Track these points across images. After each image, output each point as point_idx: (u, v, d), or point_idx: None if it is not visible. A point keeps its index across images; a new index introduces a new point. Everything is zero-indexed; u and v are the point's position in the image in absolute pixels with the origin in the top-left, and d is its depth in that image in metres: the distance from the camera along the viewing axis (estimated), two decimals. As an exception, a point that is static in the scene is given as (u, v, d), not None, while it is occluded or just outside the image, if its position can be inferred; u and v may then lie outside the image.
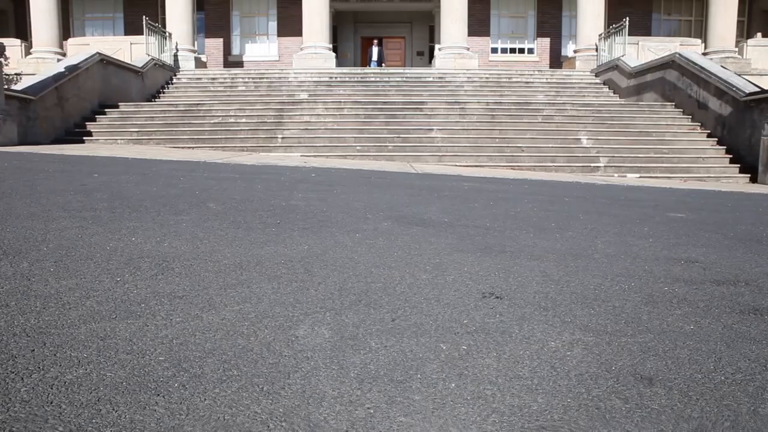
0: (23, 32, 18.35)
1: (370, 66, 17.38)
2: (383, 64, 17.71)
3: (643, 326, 1.64)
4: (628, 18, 14.16)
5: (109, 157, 6.46)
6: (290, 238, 2.57)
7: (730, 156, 8.97)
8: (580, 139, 9.34)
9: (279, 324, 1.53)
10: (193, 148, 8.96)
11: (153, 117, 10.24)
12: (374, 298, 1.80)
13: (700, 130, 9.83)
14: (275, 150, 8.86)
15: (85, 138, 9.38)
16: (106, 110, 10.42)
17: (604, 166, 8.63)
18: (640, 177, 8.35)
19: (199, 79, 13.82)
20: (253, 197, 3.70)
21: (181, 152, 7.84)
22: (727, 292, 2.06)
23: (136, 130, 9.68)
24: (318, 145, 9.06)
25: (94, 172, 4.71)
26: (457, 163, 8.52)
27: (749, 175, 8.48)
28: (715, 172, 8.66)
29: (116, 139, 9.40)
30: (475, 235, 2.88)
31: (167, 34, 14.67)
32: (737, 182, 8.37)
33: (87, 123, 9.91)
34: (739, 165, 8.73)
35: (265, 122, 9.82)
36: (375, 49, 17.94)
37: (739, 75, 10.02)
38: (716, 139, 9.46)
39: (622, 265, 2.39)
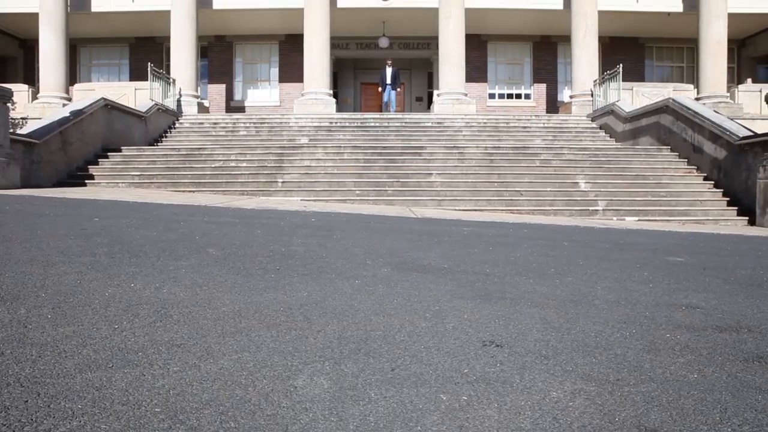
0: (31, 78, 18.78)
1: (382, 89, 16.36)
2: (398, 89, 16.44)
3: (646, 375, 1.62)
4: (621, 65, 14.52)
5: (110, 200, 6.49)
6: (289, 285, 2.56)
7: (728, 199, 9.03)
8: (578, 182, 9.42)
9: (277, 374, 1.51)
10: (194, 191, 9.02)
11: (155, 161, 10.35)
12: (374, 346, 1.78)
13: (696, 174, 9.94)
14: (275, 194, 8.92)
15: (87, 181, 9.46)
16: (108, 154, 10.54)
17: (603, 210, 8.67)
18: (639, 220, 8.38)
19: (201, 123, 14.04)
20: (253, 242, 3.70)
21: (182, 196, 7.88)
22: (730, 339, 2.04)
23: (138, 173, 9.78)
24: (318, 189, 9.13)
25: (94, 216, 4.72)
26: (457, 207, 8.56)
27: (747, 218, 8.52)
28: (714, 215, 8.70)
29: (118, 183, 9.48)
30: (475, 281, 2.87)
31: (171, 80, 15.00)
32: (736, 225, 8.40)
33: (89, 166, 10.02)
34: (736, 207, 8.78)
35: (266, 166, 9.92)
36: (388, 71, 16.24)
37: (732, 119, 10.21)
38: (713, 182, 9.56)
39: (622, 311, 2.38)
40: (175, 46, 15.61)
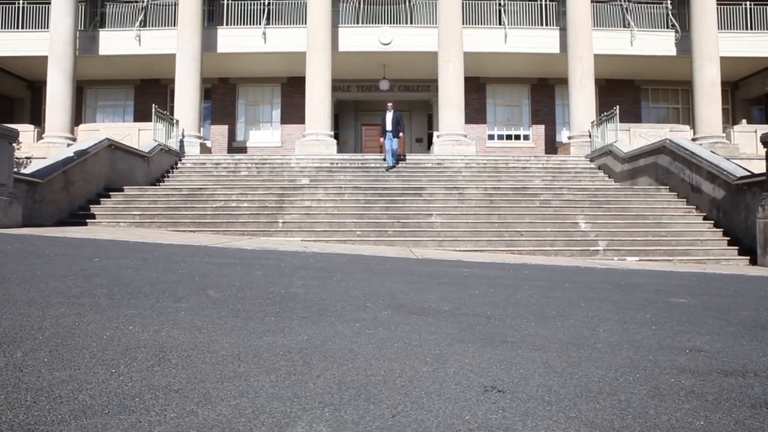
0: (37, 118, 19.09)
1: (383, 137, 14.10)
2: (400, 135, 14.26)
3: (651, 422, 1.59)
4: (618, 106, 14.76)
5: (110, 240, 6.50)
6: (289, 328, 2.54)
7: (728, 238, 9.04)
8: (578, 223, 9.44)
9: (276, 420, 1.49)
10: (194, 231, 9.04)
11: (156, 201, 10.41)
12: (374, 392, 1.76)
13: (695, 213, 9.97)
14: (276, 234, 8.94)
15: (88, 220, 9.49)
16: (111, 193, 10.61)
17: (603, 250, 8.66)
18: (640, 260, 8.36)
19: (203, 164, 14.18)
20: (253, 284, 3.69)
21: (183, 236, 7.89)
22: (736, 383, 2.01)
23: (139, 213, 9.81)
24: (318, 230, 9.14)
25: (94, 256, 4.72)
26: (457, 248, 8.56)
27: (748, 257, 8.50)
28: (714, 255, 8.69)
29: (119, 222, 9.50)
30: (476, 324, 2.85)
31: (175, 121, 15.23)
32: (737, 264, 8.37)
33: (91, 206, 10.07)
34: (737, 247, 8.78)
35: (267, 207, 9.96)
36: (389, 115, 14.08)
37: (728, 159, 10.31)
38: (712, 221, 9.58)
39: (625, 354, 2.35)
40: (179, 88, 15.92)
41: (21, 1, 18.00)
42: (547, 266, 6.27)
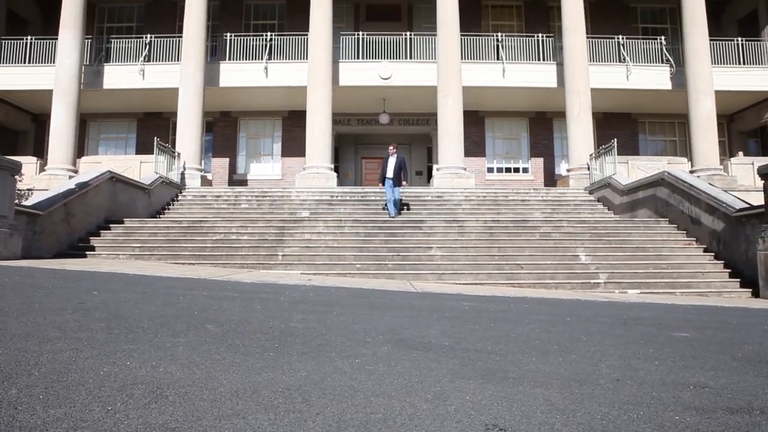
0: (40, 150, 19.27)
1: (382, 185, 12.58)
2: (404, 183, 12.56)
3: (657, 462, 1.56)
4: (616, 139, 14.91)
5: (109, 272, 6.48)
6: (288, 364, 2.51)
7: (729, 270, 8.99)
8: (578, 255, 9.42)
9: (274, 461, 1.46)
10: (194, 264, 9.02)
11: (156, 233, 10.41)
12: (374, 430, 1.73)
13: (696, 245, 9.96)
14: (275, 267, 8.91)
15: (87, 253, 9.47)
16: (111, 225, 10.62)
17: (604, 282, 8.62)
18: (641, 293, 8.31)
19: (204, 196, 14.23)
20: (252, 318, 3.66)
21: (182, 269, 7.87)
22: (743, 421, 1.98)
23: (139, 245, 9.80)
24: (318, 263, 9.12)
25: (93, 289, 4.70)
26: (457, 281, 8.52)
27: (750, 290, 8.44)
28: (716, 287, 8.64)
29: (119, 254, 9.49)
30: (477, 359, 2.82)
31: (176, 153, 15.36)
32: (739, 297, 8.32)
33: (91, 238, 10.07)
34: (738, 279, 8.73)
35: (267, 239, 9.96)
36: (391, 160, 12.46)
37: (726, 191, 10.35)
38: (713, 253, 9.56)
39: (628, 391, 2.32)
40: (181, 122, 16.10)
41: (29, 37, 18.38)
42: (548, 299, 6.23)
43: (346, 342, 3.07)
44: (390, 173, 12.32)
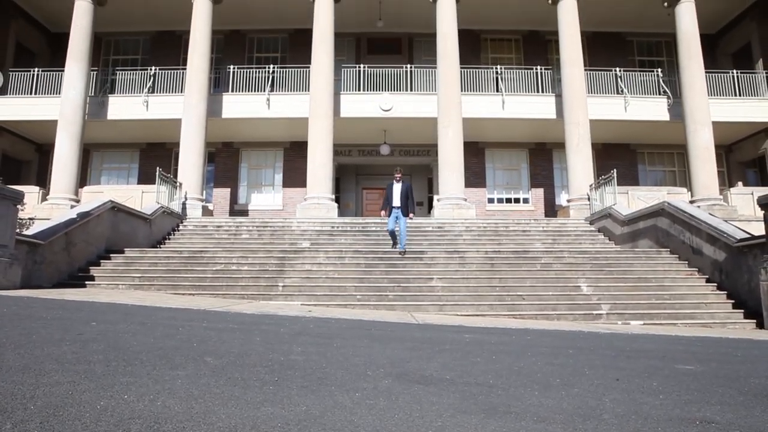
0: (43, 180, 19.39)
1: (387, 212, 11.25)
2: (412, 216, 11.32)
3: (664, 502, 1.53)
4: (615, 169, 15.00)
5: (108, 303, 6.44)
6: (288, 398, 2.48)
7: (732, 301, 8.93)
8: (580, 286, 9.38)
9: (272, 500, 1.43)
10: (194, 295, 8.97)
11: (156, 263, 10.39)
12: (374, 467, 1.69)
13: (698, 276, 9.91)
14: (276, 298, 8.86)
15: (87, 282, 9.44)
16: (111, 255, 10.61)
17: (607, 314, 8.56)
18: (644, 324, 8.24)
19: (205, 226, 14.25)
20: (252, 351, 3.63)
21: (182, 299, 7.82)
22: (749, 459, 1.94)
23: (139, 275, 9.77)
24: (318, 293, 9.06)
25: (92, 320, 4.66)
26: (458, 312, 8.46)
27: (754, 321, 8.37)
28: (720, 318, 8.56)
29: (118, 285, 9.45)
30: (478, 393, 2.78)
31: (178, 184, 15.44)
32: (744, 328, 8.24)
33: (91, 267, 10.04)
34: (742, 310, 8.65)
35: (267, 270, 9.93)
36: (396, 188, 11.12)
37: (727, 221, 10.35)
38: (715, 284, 9.50)
39: (633, 426, 2.28)
40: (184, 152, 16.23)
41: (36, 69, 18.69)
42: (550, 331, 6.18)
43: (346, 375, 3.03)
44: (396, 201, 11.00)
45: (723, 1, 19.18)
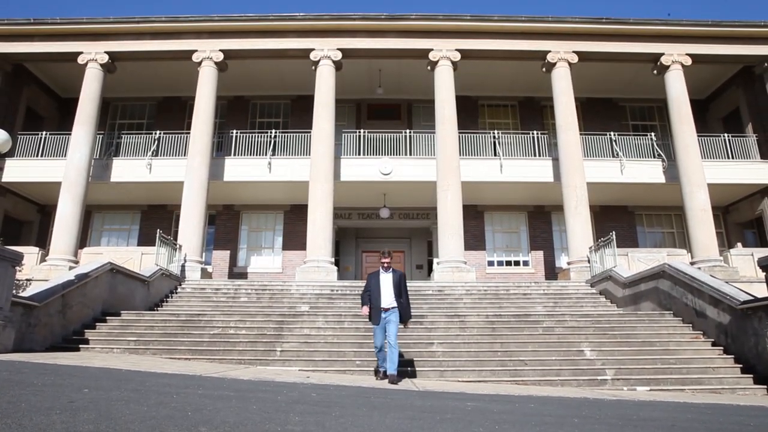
0: (43, 240, 19.43)
1: (374, 318, 7.28)
2: (402, 326, 7.44)
3: None
4: (614, 231, 15.06)
5: (102, 368, 6.29)
6: (284, 471, 2.38)
7: (740, 365, 8.72)
8: (583, 350, 9.20)
9: None
10: (189, 359, 8.78)
11: (153, 326, 10.23)
12: None
13: (703, 339, 9.74)
14: (273, 363, 8.66)
15: (81, 346, 9.26)
16: (107, 318, 10.48)
17: (612, 379, 8.35)
18: (651, 390, 8.03)
19: (204, 289, 14.13)
20: (248, 420, 3.52)
21: (177, 364, 7.65)
22: None
23: (134, 339, 9.60)
24: (317, 359, 8.86)
25: (84, 387, 4.54)
26: (460, 378, 8.25)
27: (765, 386, 8.15)
28: (728, 383, 8.34)
29: (113, 348, 9.26)
30: (483, 466, 2.67)
31: (178, 246, 15.44)
32: (755, 394, 8.01)
33: (86, 330, 9.89)
34: (751, 375, 8.44)
35: (265, 334, 9.77)
36: (384, 279, 7.44)
37: (729, 283, 10.28)
38: (721, 347, 9.32)
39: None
40: (185, 215, 16.33)
41: (44, 132, 19.12)
42: (554, 398, 6.01)
43: (344, 447, 2.93)
44: (386, 299, 7.30)
45: (710, 69, 19.90)
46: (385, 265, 7.62)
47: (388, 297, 7.37)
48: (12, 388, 4.27)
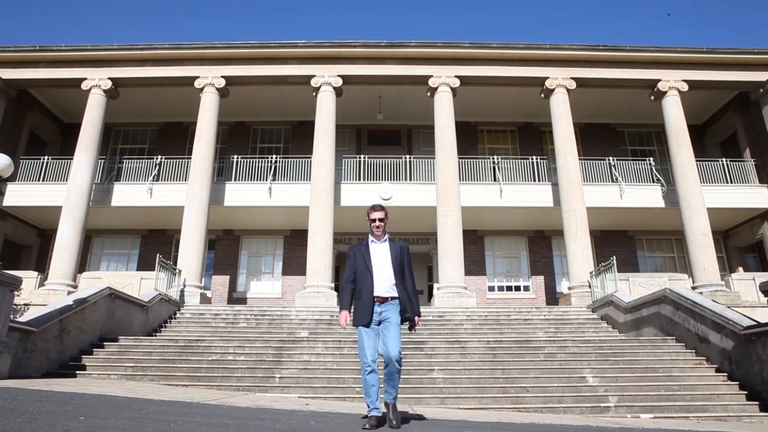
0: (42, 264, 19.36)
1: (345, 313, 4.87)
2: (417, 321, 5.26)
3: None
4: (615, 256, 15.02)
5: (99, 395, 6.21)
6: (282, 503, 2.33)
7: (746, 392, 8.59)
8: (585, 377, 9.09)
9: None
10: (187, 386, 8.67)
11: (151, 352, 10.14)
12: None
13: (707, 365, 9.63)
14: (272, 390, 8.55)
15: (77, 372, 9.16)
16: (105, 343, 10.39)
17: (615, 406, 8.23)
18: (654, 417, 7.90)
19: (203, 314, 14.04)
20: (245, 448, 3.46)
21: (175, 391, 7.56)
22: None
23: (132, 365, 9.50)
24: (317, 385, 8.75)
25: (80, 415, 4.48)
26: (461, 405, 8.13)
27: (772, 414, 8.04)
28: (734, 411, 8.21)
29: (110, 374, 9.16)
30: (485, 496, 2.62)
31: (177, 271, 15.40)
32: (761, 422, 7.87)
33: (83, 356, 9.79)
34: (757, 402, 8.30)
35: (264, 360, 9.67)
36: (378, 252, 4.89)
37: (731, 308, 10.20)
38: (726, 374, 9.20)
39: None
40: (184, 240, 16.32)
41: (46, 157, 19.23)
42: (557, 426, 5.91)
43: (344, 477, 2.87)
44: (381, 284, 4.77)
45: (707, 95, 20.11)
46: (378, 229, 4.89)
47: (384, 280, 4.72)
48: (6, 416, 4.21)
